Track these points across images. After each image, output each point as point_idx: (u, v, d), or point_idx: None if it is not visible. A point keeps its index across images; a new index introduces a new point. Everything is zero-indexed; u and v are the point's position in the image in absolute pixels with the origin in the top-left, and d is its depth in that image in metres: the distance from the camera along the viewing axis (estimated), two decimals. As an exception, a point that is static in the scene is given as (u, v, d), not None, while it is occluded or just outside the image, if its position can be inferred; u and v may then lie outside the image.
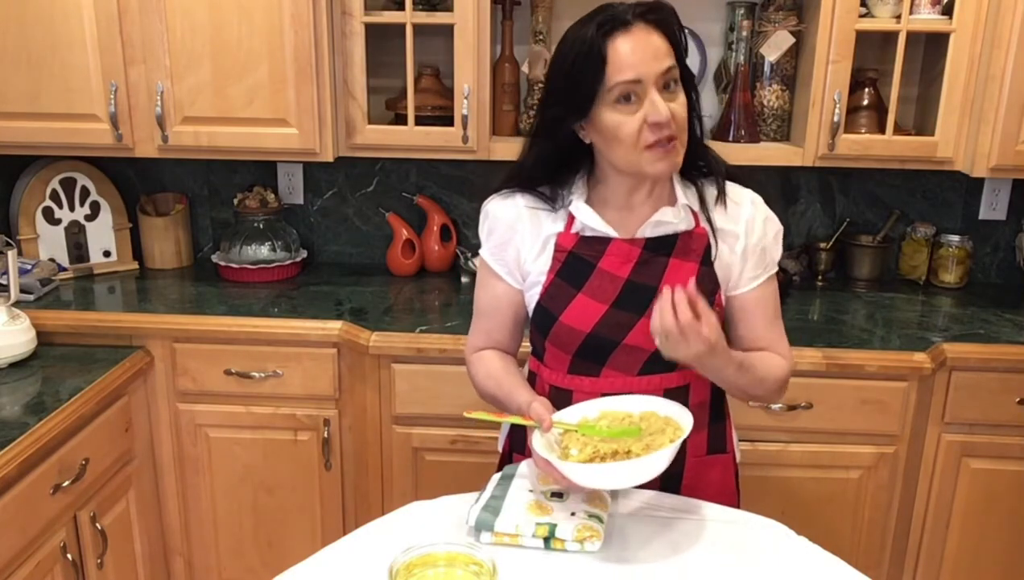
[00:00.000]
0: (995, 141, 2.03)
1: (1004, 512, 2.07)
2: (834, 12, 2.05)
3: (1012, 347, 1.99)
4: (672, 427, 1.22)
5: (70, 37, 2.09)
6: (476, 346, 1.50)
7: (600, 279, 1.34)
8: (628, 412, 1.28)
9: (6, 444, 1.57)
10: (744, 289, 1.39)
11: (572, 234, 1.35)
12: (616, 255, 1.34)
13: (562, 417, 1.28)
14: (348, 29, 2.12)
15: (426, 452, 2.10)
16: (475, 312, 1.49)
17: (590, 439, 1.22)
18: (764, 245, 1.38)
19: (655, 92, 1.22)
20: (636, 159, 1.26)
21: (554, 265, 1.36)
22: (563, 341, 1.36)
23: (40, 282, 2.23)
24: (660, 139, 1.23)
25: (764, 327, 1.41)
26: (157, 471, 2.17)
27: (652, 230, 1.34)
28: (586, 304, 1.34)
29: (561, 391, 1.39)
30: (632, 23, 1.23)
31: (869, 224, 2.51)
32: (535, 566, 1.17)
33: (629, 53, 1.22)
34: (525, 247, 1.38)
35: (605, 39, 1.22)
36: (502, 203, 1.40)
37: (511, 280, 1.42)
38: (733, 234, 1.37)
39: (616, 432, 1.22)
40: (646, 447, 1.18)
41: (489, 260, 1.43)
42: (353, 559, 1.19)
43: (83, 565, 1.83)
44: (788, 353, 1.43)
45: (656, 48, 1.23)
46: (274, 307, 2.18)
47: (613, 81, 1.22)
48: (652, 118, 1.22)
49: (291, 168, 2.57)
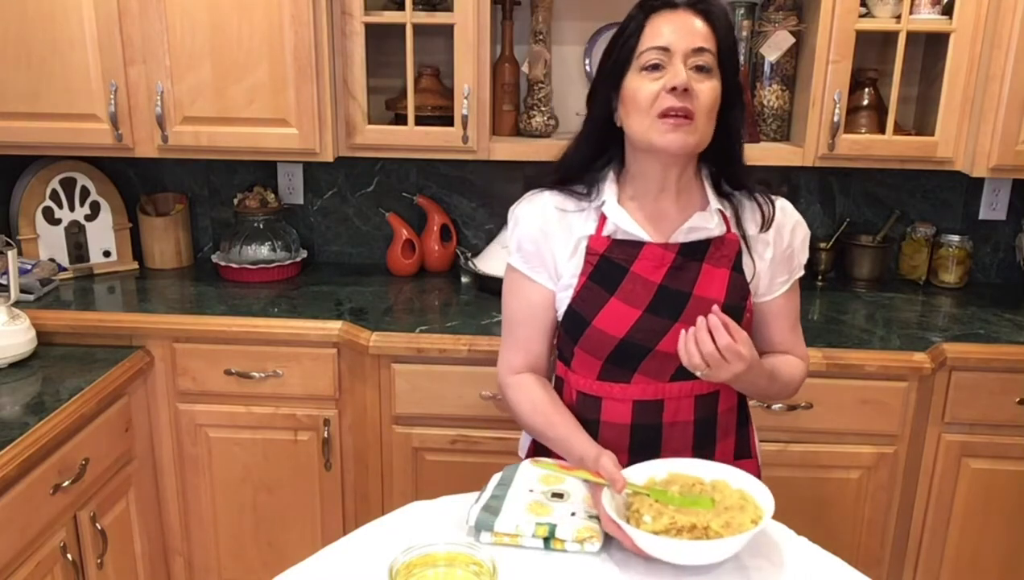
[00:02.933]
0: (995, 141, 2.03)
1: (1004, 512, 2.07)
2: (834, 12, 2.05)
3: (1012, 347, 1.99)
4: (751, 505, 1.17)
5: (70, 37, 2.09)
6: (513, 366, 1.43)
7: (633, 284, 1.32)
8: (699, 478, 1.24)
9: (6, 444, 1.57)
10: (772, 295, 1.40)
11: (604, 237, 1.34)
12: (649, 260, 1.32)
13: (628, 476, 1.22)
14: (348, 29, 2.12)
15: (426, 452, 2.10)
16: (507, 325, 1.44)
17: (664, 507, 1.16)
18: (792, 250, 1.39)
19: (681, 63, 1.23)
20: (648, 127, 1.25)
21: (586, 268, 1.34)
22: (595, 346, 1.34)
23: (40, 282, 2.23)
24: (674, 108, 1.23)
25: (787, 331, 1.43)
26: (157, 471, 2.17)
27: (686, 235, 1.33)
28: (619, 309, 1.32)
29: (589, 398, 1.38)
30: (678, 6, 1.26)
31: (869, 224, 2.51)
32: (535, 566, 1.17)
33: (666, 24, 1.25)
34: (558, 247, 1.36)
35: (649, 14, 1.26)
36: (530, 206, 1.39)
37: (547, 282, 1.38)
38: (764, 241, 1.37)
39: (689, 502, 1.17)
40: (726, 525, 1.12)
41: (520, 266, 1.39)
42: (353, 559, 1.19)
43: (83, 565, 1.83)
44: (806, 355, 1.46)
45: (694, 28, 1.25)
46: (274, 307, 2.18)
47: (644, 46, 1.25)
48: (670, 83, 1.22)
49: (291, 168, 2.57)
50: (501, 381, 1.45)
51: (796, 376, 1.42)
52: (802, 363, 1.44)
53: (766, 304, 1.40)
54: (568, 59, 2.45)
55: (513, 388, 1.42)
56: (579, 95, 2.46)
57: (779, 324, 1.42)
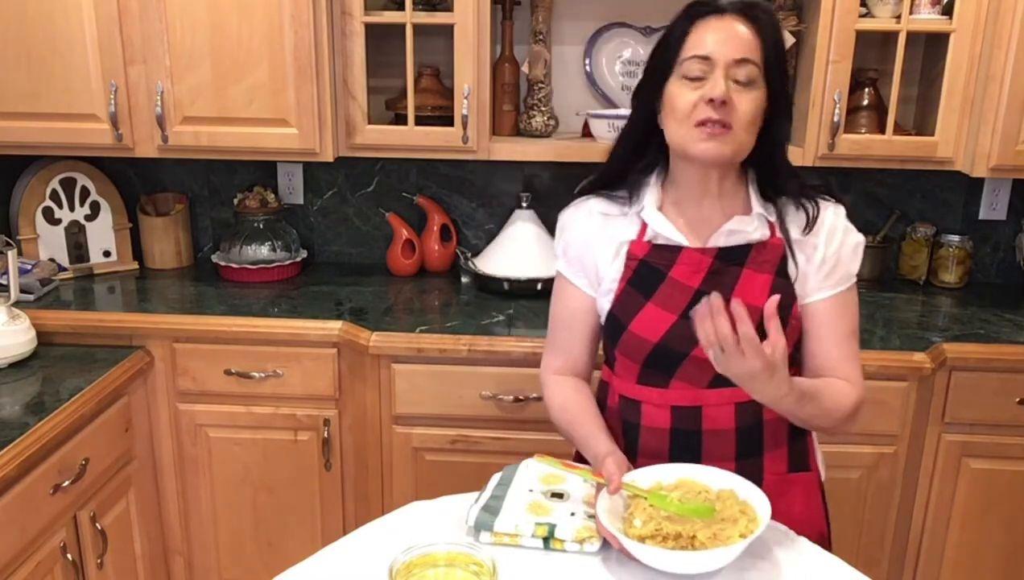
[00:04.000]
0: (995, 141, 2.03)
1: (1004, 512, 2.07)
2: (834, 12, 2.05)
3: (1012, 347, 1.99)
4: (747, 518, 1.14)
5: (70, 37, 2.09)
6: (554, 366, 1.46)
7: (671, 288, 1.31)
8: (706, 486, 1.22)
9: (6, 444, 1.57)
10: (814, 298, 1.33)
11: (644, 242, 1.34)
12: (687, 264, 1.31)
13: (636, 478, 1.22)
14: (348, 29, 2.12)
15: (426, 452, 2.10)
16: (551, 327, 1.47)
17: (656, 512, 1.15)
18: (841, 256, 1.34)
19: (721, 75, 1.22)
20: (685, 135, 1.25)
21: (626, 273, 1.34)
22: (632, 350, 1.34)
23: (40, 282, 2.23)
24: (712, 118, 1.22)
25: (833, 343, 1.32)
26: (157, 471, 2.17)
27: (725, 239, 1.31)
28: (655, 313, 1.31)
29: (630, 402, 1.37)
30: (726, 12, 1.25)
31: (869, 224, 2.51)
32: (535, 566, 1.17)
33: (710, 32, 1.23)
34: (600, 253, 1.37)
35: (694, 19, 1.25)
36: (576, 212, 1.40)
37: (588, 288, 1.40)
38: (811, 244, 1.33)
39: (687, 509, 1.15)
40: (713, 536, 1.11)
41: (565, 271, 1.42)
42: (353, 559, 1.19)
43: (83, 565, 1.83)
44: (858, 378, 1.32)
45: (738, 37, 1.23)
46: (274, 307, 2.18)
47: (686, 55, 1.24)
48: (708, 94, 1.22)
49: (291, 168, 2.57)
50: (542, 379, 1.49)
51: (844, 403, 1.28)
52: (852, 390, 1.30)
53: (808, 308, 1.33)
54: (568, 59, 2.45)
55: (550, 386, 1.46)
56: (579, 95, 2.47)
57: (823, 334, 1.32)
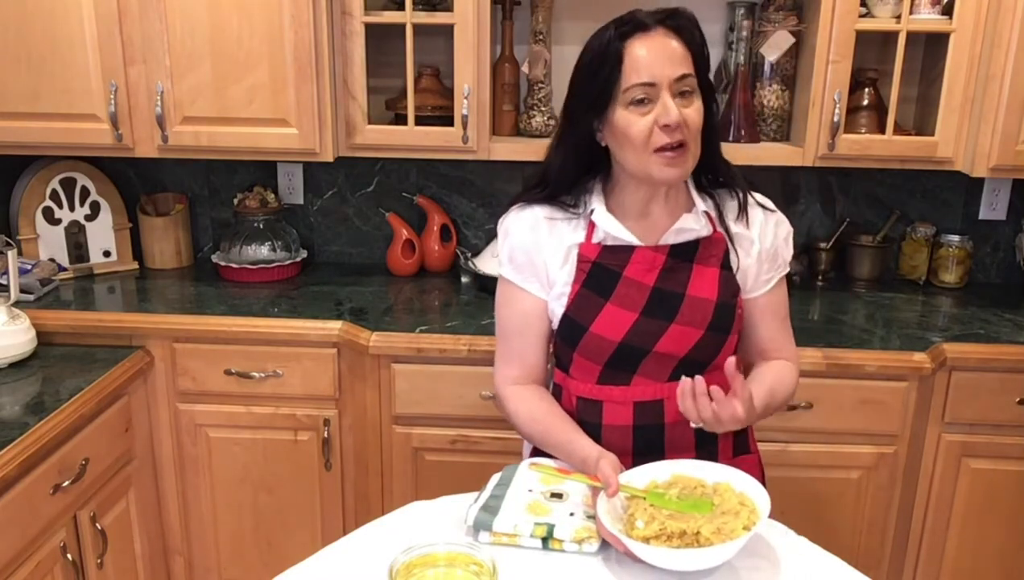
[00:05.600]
0: (995, 141, 2.03)
1: (1004, 512, 2.07)
2: (834, 12, 2.05)
3: (1012, 347, 1.99)
4: (748, 510, 1.15)
5: (70, 37, 2.09)
6: (509, 376, 1.44)
7: (627, 288, 1.34)
8: (701, 480, 1.23)
9: (6, 444, 1.56)
10: (758, 292, 1.41)
11: (594, 244, 1.35)
12: (640, 263, 1.34)
13: (631, 478, 1.22)
14: (348, 29, 2.12)
15: (426, 452, 2.10)
16: (501, 336, 1.45)
17: (657, 512, 1.15)
18: (776, 247, 1.40)
19: (668, 96, 1.23)
20: (645, 162, 1.26)
21: (579, 276, 1.36)
22: (593, 351, 1.35)
23: (40, 282, 2.23)
24: (670, 143, 1.24)
25: (775, 328, 1.44)
26: (157, 471, 2.17)
27: (675, 237, 1.34)
28: (615, 313, 1.33)
29: (590, 402, 1.38)
30: (651, 27, 1.24)
31: (869, 224, 2.51)
32: (535, 566, 1.17)
33: (645, 56, 1.23)
34: (549, 257, 1.37)
35: (623, 40, 1.24)
36: (520, 216, 1.39)
37: (539, 292, 1.39)
38: (748, 238, 1.38)
39: (687, 505, 1.16)
40: (717, 531, 1.10)
41: (512, 277, 1.41)
42: (353, 559, 1.19)
43: (83, 565, 1.83)
44: (795, 355, 1.46)
45: (673, 53, 1.24)
46: (274, 307, 2.18)
47: (628, 83, 1.24)
48: (662, 120, 1.23)
49: (291, 168, 2.57)
50: (498, 392, 1.45)
51: (790, 385, 1.41)
52: (793, 369, 1.43)
53: (753, 301, 1.41)
54: (568, 59, 2.41)
55: (511, 400, 1.43)
56: (579, 95, 2.47)
57: (767, 321, 1.43)
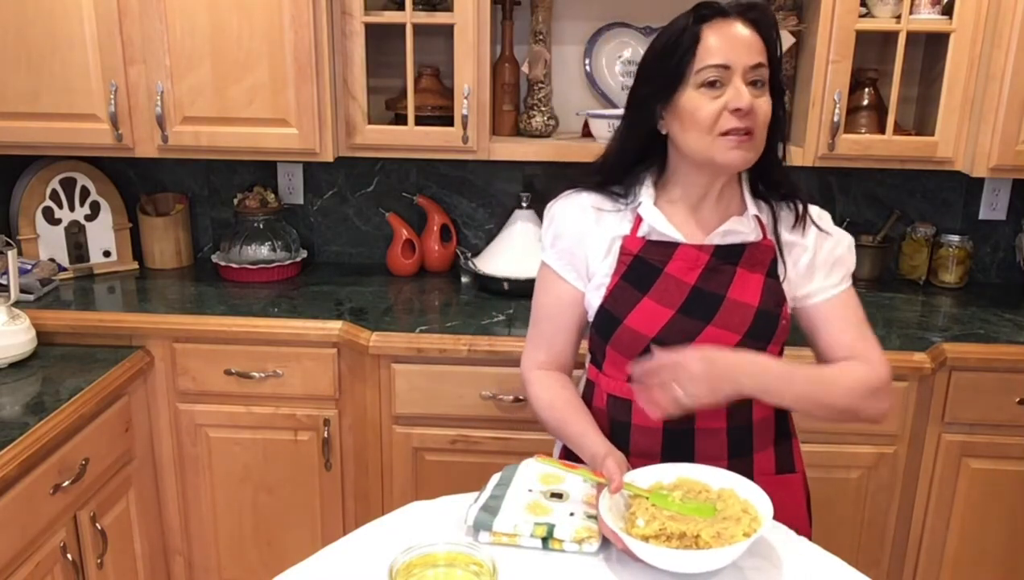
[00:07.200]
0: (995, 141, 2.03)
1: (1004, 512, 2.07)
2: (834, 12, 2.05)
3: (1012, 347, 1.99)
4: (749, 517, 1.15)
5: (70, 37, 2.09)
6: (536, 360, 1.44)
7: (666, 284, 1.32)
8: (706, 484, 1.22)
9: (6, 444, 1.57)
10: (819, 299, 1.36)
11: (638, 238, 1.34)
12: (683, 260, 1.32)
13: (635, 478, 1.22)
14: (348, 29, 2.12)
15: (426, 452, 2.10)
16: (533, 320, 1.45)
17: (659, 512, 1.15)
18: (836, 255, 1.37)
19: (741, 81, 1.22)
20: (709, 144, 1.25)
21: (619, 268, 1.34)
22: (626, 345, 1.33)
23: (40, 282, 2.23)
24: (738, 127, 1.23)
25: (852, 336, 1.35)
26: (157, 471, 2.17)
27: (721, 238, 1.33)
28: (652, 308, 1.31)
29: (620, 401, 1.37)
30: (731, 15, 1.24)
31: (869, 224, 2.51)
32: (535, 566, 1.17)
33: (722, 39, 1.23)
34: (592, 247, 1.36)
35: (701, 23, 1.24)
36: (567, 204, 1.39)
37: (576, 282, 1.39)
38: (801, 246, 1.36)
39: (689, 508, 1.16)
40: (717, 536, 1.10)
41: (553, 263, 1.40)
42: (353, 559, 1.19)
43: (83, 565, 1.83)
44: (877, 359, 1.33)
45: (750, 42, 1.23)
46: (274, 307, 2.18)
47: (702, 63, 1.23)
48: (733, 104, 1.22)
49: (291, 168, 2.57)
50: (524, 375, 1.46)
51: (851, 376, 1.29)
52: (863, 366, 1.31)
53: (815, 308, 1.36)
54: (568, 59, 2.45)
55: (534, 384, 1.43)
56: (579, 95, 2.47)
57: (835, 330, 1.35)
